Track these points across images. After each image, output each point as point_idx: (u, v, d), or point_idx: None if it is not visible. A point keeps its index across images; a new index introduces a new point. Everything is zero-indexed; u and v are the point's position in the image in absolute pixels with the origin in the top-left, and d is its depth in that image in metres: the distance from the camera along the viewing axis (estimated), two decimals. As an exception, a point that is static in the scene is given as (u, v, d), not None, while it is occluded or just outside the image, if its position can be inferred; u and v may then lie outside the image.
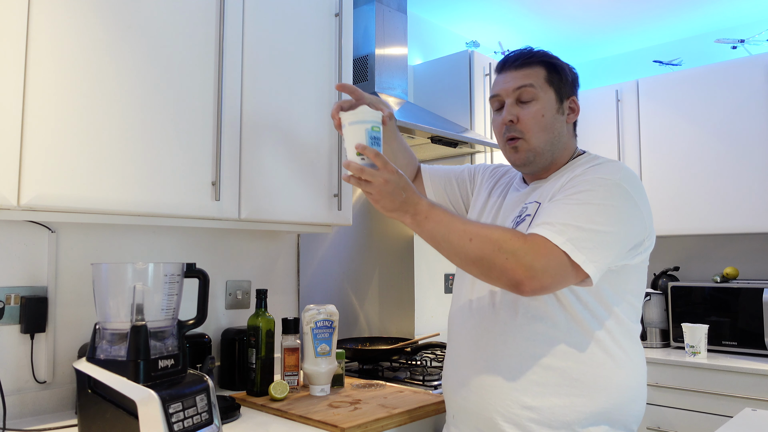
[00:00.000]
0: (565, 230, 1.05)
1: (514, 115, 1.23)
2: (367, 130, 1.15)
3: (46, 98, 1.22)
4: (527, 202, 1.25)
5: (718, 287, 2.62)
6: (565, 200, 1.11)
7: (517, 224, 1.23)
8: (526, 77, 1.23)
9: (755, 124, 2.62)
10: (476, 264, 1.06)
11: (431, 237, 1.10)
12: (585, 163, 1.23)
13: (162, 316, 1.24)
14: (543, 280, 1.03)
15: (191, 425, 1.16)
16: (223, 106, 1.52)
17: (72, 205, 1.24)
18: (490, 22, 3.07)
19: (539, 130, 1.23)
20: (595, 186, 1.12)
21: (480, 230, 1.07)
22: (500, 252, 1.03)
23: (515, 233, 1.07)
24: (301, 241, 2.16)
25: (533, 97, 1.23)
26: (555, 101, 1.24)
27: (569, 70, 1.29)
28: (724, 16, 3.00)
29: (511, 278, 1.03)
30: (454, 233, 1.07)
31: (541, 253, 1.03)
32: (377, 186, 1.07)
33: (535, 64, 1.25)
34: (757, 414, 1.41)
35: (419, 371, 1.94)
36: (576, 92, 1.30)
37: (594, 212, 1.08)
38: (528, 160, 1.25)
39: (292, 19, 1.72)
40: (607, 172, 1.15)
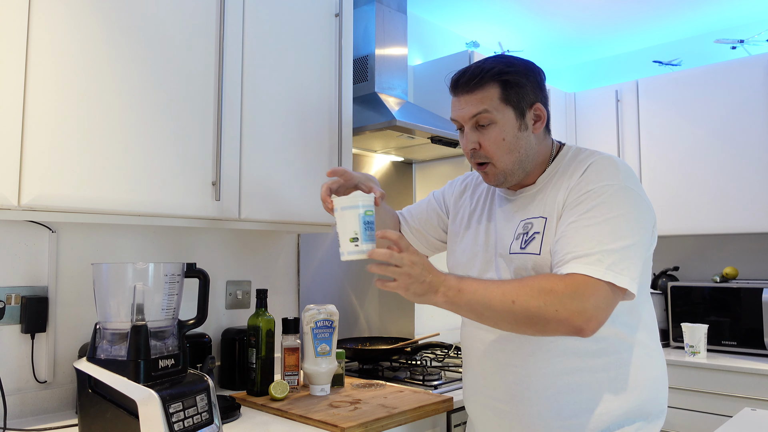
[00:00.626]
0: (601, 259, 1.03)
1: (476, 142, 1.19)
2: (360, 216, 1.14)
3: (46, 98, 1.22)
4: (530, 217, 1.21)
5: (718, 287, 2.62)
6: (584, 221, 1.08)
7: (526, 243, 1.18)
8: (480, 102, 1.17)
9: (755, 124, 2.62)
10: (528, 324, 1.03)
11: (471, 310, 1.06)
12: (578, 165, 1.19)
13: (162, 316, 1.24)
14: (599, 317, 1.02)
15: (191, 425, 1.16)
16: (224, 106, 1.52)
17: (72, 205, 1.24)
18: (490, 22, 3.07)
19: (503, 153, 1.18)
20: (605, 197, 1.10)
21: (519, 289, 1.04)
22: (547, 306, 1.01)
23: (553, 280, 1.04)
24: (301, 241, 2.16)
25: (491, 121, 1.17)
26: (514, 119, 1.18)
27: (529, 76, 1.20)
28: (724, 16, 3.00)
29: (568, 327, 1.02)
30: (494, 299, 1.04)
31: (588, 293, 1.02)
32: (405, 270, 1.02)
33: (488, 83, 1.17)
34: (757, 414, 1.41)
35: (419, 371, 1.94)
36: (540, 97, 1.21)
37: (617, 227, 1.07)
38: (499, 182, 1.23)
39: (292, 19, 1.73)
40: (607, 175, 1.13)
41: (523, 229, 1.20)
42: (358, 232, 1.15)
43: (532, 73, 1.21)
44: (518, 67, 1.19)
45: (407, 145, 2.33)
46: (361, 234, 1.15)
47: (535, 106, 1.20)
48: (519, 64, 1.20)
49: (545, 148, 1.25)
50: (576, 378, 1.15)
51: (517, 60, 1.22)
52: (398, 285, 1.04)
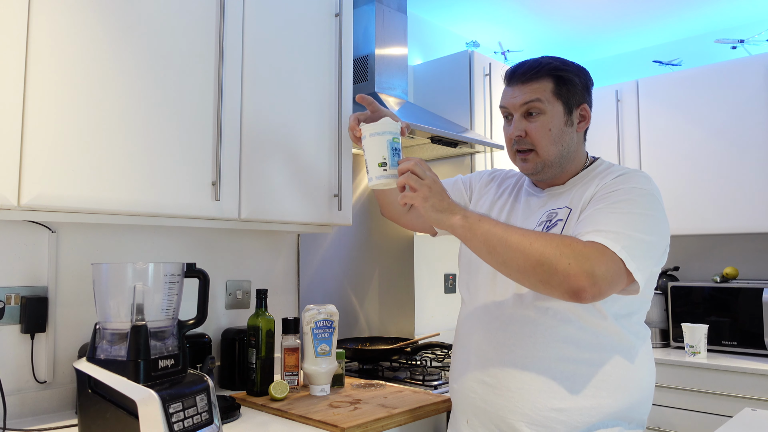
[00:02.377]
0: (618, 238, 1.05)
1: (522, 130, 1.24)
2: (388, 141, 1.18)
3: (46, 98, 1.22)
4: (555, 207, 1.24)
5: (718, 287, 2.62)
6: (610, 208, 1.11)
7: (548, 228, 1.22)
8: (533, 92, 1.23)
9: (755, 124, 2.62)
10: (536, 269, 1.04)
11: (485, 241, 1.08)
12: (610, 172, 1.23)
13: (162, 316, 1.24)
14: (602, 287, 1.03)
15: (191, 425, 1.16)
16: (223, 105, 1.52)
17: (72, 205, 1.24)
18: (490, 22, 3.07)
19: (548, 143, 1.23)
20: (634, 196, 1.13)
21: (539, 235, 1.07)
22: (563, 256, 1.02)
23: (574, 238, 1.07)
24: (301, 241, 2.16)
25: (540, 111, 1.23)
26: (563, 114, 1.24)
27: (580, 77, 1.27)
28: (724, 16, 3.00)
29: (572, 285, 1.02)
30: (513, 235, 1.06)
31: (602, 260, 1.03)
32: (427, 183, 1.08)
33: (543, 77, 1.24)
34: (757, 414, 1.41)
35: (419, 371, 1.94)
36: (587, 99, 1.28)
37: (639, 221, 1.09)
38: (536, 170, 1.27)
39: (292, 19, 1.73)
40: (640, 182, 1.16)
41: (547, 217, 1.24)
42: (386, 157, 1.18)
43: (584, 75, 1.28)
44: (572, 67, 1.27)
45: (407, 145, 2.33)
46: (389, 159, 1.18)
47: (582, 106, 1.27)
48: (573, 65, 1.27)
49: (582, 153, 1.31)
50: (572, 367, 1.17)
51: (571, 62, 1.28)
52: (417, 195, 1.09)
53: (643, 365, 1.22)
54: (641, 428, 1.23)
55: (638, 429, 1.22)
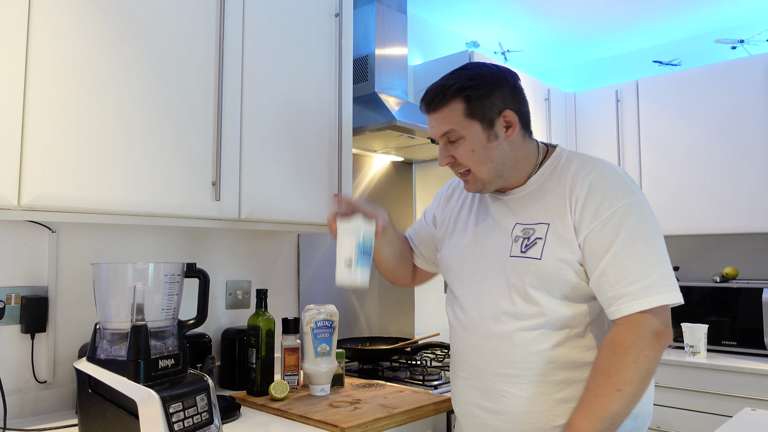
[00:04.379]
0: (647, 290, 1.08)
1: (449, 156, 1.21)
2: (358, 243, 1.18)
3: (46, 98, 1.22)
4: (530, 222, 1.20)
5: (718, 287, 2.62)
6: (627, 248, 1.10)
7: (527, 248, 1.18)
8: (445, 121, 1.19)
9: (755, 124, 2.62)
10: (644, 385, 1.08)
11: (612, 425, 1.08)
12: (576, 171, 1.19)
13: (162, 315, 1.24)
14: (669, 326, 1.11)
15: (191, 425, 1.16)
16: (224, 105, 1.52)
17: (72, 205, 1.24)
18: (490, 22, 3.07)
19: (477, 164, 1.19)
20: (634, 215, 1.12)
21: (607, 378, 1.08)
22: (635, 362, 1.06)
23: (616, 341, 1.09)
24: (301, 241, 2.16)
25: (459, 137, 1.18)
26: (482, 131, 1.18)
27: (494, 85, 1.18)
28: (724, 16, 3.00)
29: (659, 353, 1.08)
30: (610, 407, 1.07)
31: (647, 323, 1.08)
32: None
33: (451, 101, 1.17)
34: (757, 414, 1.41)
35: (419, 371, 1.94)
36: (511, 103, 1.19)
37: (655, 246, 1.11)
38: (479, 188, 1.24)
39: (292, 19, 1.73)
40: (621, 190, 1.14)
41: (524, 233, 1.20)
42: (353, 256, 1.18)
43: (500, 81, 1.19)
44: (482, 78, 1.18)
45: (407, 145, 2.33)
46: (355, 258, 1.17)
47: (504, 113, 1.18)
48: (484, 74, 1.19)
49: (527, 152, 1.24)
50: (569, 388, 1.16)
51: (483, 69, 1.20)
52: None
53: None
54: (648, 417, 1.23)
55: (645, 419, 1.22)
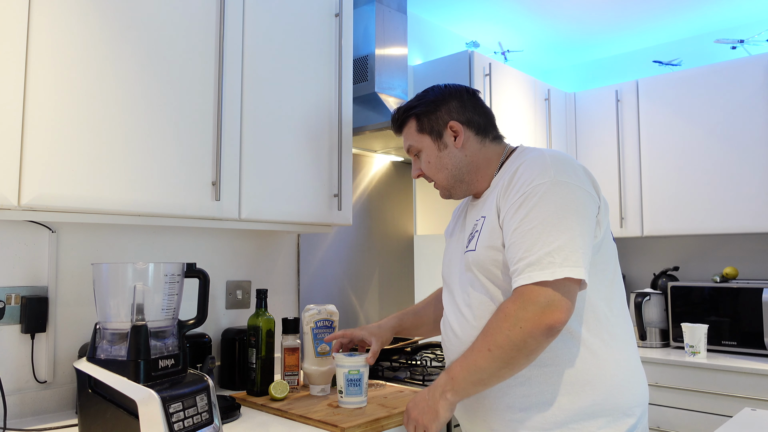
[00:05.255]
0: (552, 261, 1.08)
1: (418, 169, 1.38)
2: (344, 374, 1.49)
3: (46, 98, 1.22)
4: (477, 218, 1.29)
5: (718, 287, 2.62)
6: (524, 225, 1.12)
7: (469, 241, 1.27)
8: (406, 139, 1.38)
9: (755, 124, 2.62)
10: (514, 356, 1.09)
11: (474, 383, 1.13)
12: (512, 163, 1.25)
13: (162, 316, 1.24)
14: (561, 307, 1.07)
15: (191, 425, 1.16)
16: (223, 106, 1.52)
17: (72, 205, 1.24)
18: (490, 22, 3.07)
19: (435, 173, 1.34)
20: (538, 197, 1.13)
21: (484, 337, 1.12)
22: (511, 330, 1.08)
23: (502, 306, 1.12)
24: (301, 241, 2.16)
25: (418, 151, 1.36)
26: (432, 143, 1.33)
27: (440, 102, 1.33)
28: (724, 16, 3.00)
29: (542, 332, 1.07)
30: (478, 361, 1.11)
31: (534, 297, 1.08)
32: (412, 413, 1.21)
33: (406, 121, 1.37)
34: (757, 414, 1.41)
35: (419, 371, 1.94)
36: (456, 114, 1.32)
37: (556, 224, 1.10)
38: (447, 195, 1.38)
39: (292, 19, 1.73)
40: (538, 173, 1.16)
41: (471, 229, 1.29)
42: (342, 387, 1.50)
43: (445, 97, 1.35)
44: (428, 98, 1.35)
45: (407, 145, 2.33)
46: (344, 389, 1.50)
47: (449, 124, 1.32)
48: (430, 94, 1.36)
49: (488, 155, 1.33)
50: (523, 372, 1.17)
51: (431, 91, 1.37)
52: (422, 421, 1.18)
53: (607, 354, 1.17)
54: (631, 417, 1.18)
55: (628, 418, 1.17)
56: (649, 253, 3.25)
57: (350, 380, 1.50)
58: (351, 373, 1.50)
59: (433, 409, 1.16)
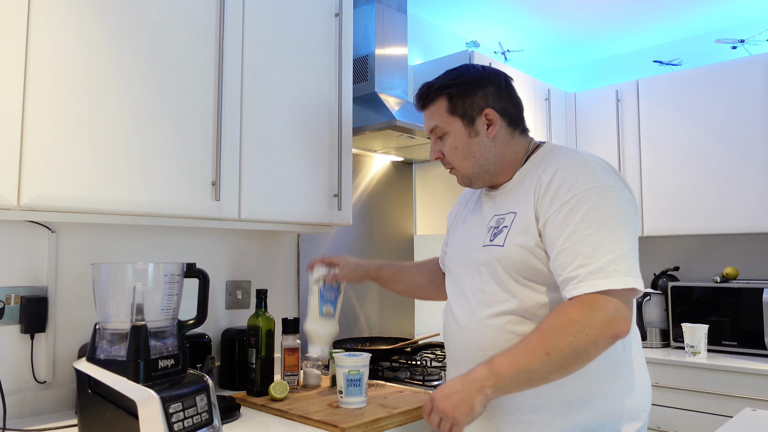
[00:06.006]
0: (618, 269, 1.04)
1: (438, 152, 1.30)
2: (344, 375, 1.50)
3: (46, 98, 1.22)
4: (503, 212, 1.23)
5: (718, 287, 2.62)
6: (581, 230, 1.08)
7: (494, 235, 1.21)
8: (431, 117, 1.28)
9: (755, 124, 2.62)
10: (573, 362, 1.05)
11: (519, 383, 1.07)
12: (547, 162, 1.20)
13: (162, 316, 1.24)
14: (626, 316, 1.04)
15: (191, 425, 1.16)
16: (223, 105, 1.52)
17: (72, 205, 1.24)
18: (490, 22, 3.07)
19: (460, 160, 1.27)
20: (594, 201, 1.09)
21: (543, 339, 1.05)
22: (576, 337, 1.02)
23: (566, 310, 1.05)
24: (301, 241, 2.16)
25: (443, 133, 1.27)
26: (463, 128, 1.25)
27: (476, 84, 1.24)
28: (724, 16, 3.00)
29: (606, 341, 1.04)
30: (531, 362, 1.05)
31: (602, 304, 1.03)
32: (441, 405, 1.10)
33: (436, 98, 1.27)
34: (757, 414, 1.41)
35: (419, 371, 1.94)
36: (494, 102, 1.24)
37: (615, 231, 1.07)
38: (466, 183, 1.31)
39: (292, 18, 1.73)
40: (586, 177, 1.12)
41: (496, 223, 1.24)
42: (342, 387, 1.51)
43: (483, 81, 1.26)
44: (465, 78, 1.26)
45: (407, 145, 2.33)
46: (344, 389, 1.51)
47: (485, 112, 1.24)
48: (467, 74, 1.26)
49: (515, 148, 1.28)
50: None
51: (469, 70, 1.27)
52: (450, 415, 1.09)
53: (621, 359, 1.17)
54: (638, 420, 1.18)
55: (634, 422, 1.17)
56: (650, 253, 3.25)
57: (350, 380, 1.49)
58: (351, 373, 1.49)
59: (468, 404, 1.08)
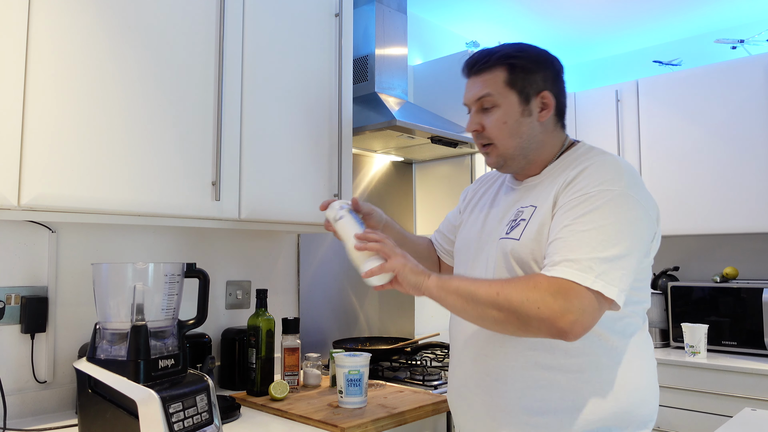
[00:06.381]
0: (591, 267, 1.00)
1: (478, 124, 1.21)
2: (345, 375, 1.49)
3: (46, 98, 1.22)
4: (523, 205, 1.20)
5: (718, 287, 2.62)
6: (578, 225, 1.04)
7: (511, 228, 1.18)
8: (485, 85, 1.19)
9: (755, 124, 2.62)
10: (510, 319, 1.01)
11: (458, 297, 1.07)
12: (580, 161, 1.16)
13: (162, 316, 1.24)
14: (584, 322, 0.99)
15: (191, 425, 1.16)
16: (223, 105, 1.52)
17: (72, 205, 1.24)
18: (490, 22, 3.07)
19: (505, 136, 1.19)
20: (602, 202, 1.05)
21: (505, 283, 1.04)
22: (530, 302, 0.99)
23: (538, 278, 1.02)
24: (301, 241, 2.16)
25: (494, 104, 1.19)
26: (518, 104, 1.18)
27: (540, 64, 1.20)
28: (724, 16, 3.00)
29: (550, 328, 0.99)
30: (480, 289, 1.05)
31: (572, 296, 0.99)
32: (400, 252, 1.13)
33: (495, 66, 1.18)
34: (757, 414, 1.41)
35: (419, 371, 1.94)
36: (552, 86, 1.20)
37: (611, 235, 1.03)
38: (499, 164, 1.23)
39: (292, 18, 1.73)
40: (609, 179, 1.08)
41: (515, 216, 1.20)
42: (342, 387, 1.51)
43: (545, 62, 1.21)
44: (529, 54, 1.20)
45: (407, 145, 2.33)
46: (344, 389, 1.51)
47: (542, 93, 1.19)
48: (531, 51, 1.21)
49: (554, 140, 1.23)
50: (546, 374, 1.11)
51: (531, 47, 1.21)
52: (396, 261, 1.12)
53: (633, 365, 1.14)
54: (647, 428, 1.15)
55: (643, 429, 1.14)
56: (649, 253, 3.25)
57: (350, 380, 1.50)
58: (351, 373, 1.50)
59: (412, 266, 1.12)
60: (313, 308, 2.20)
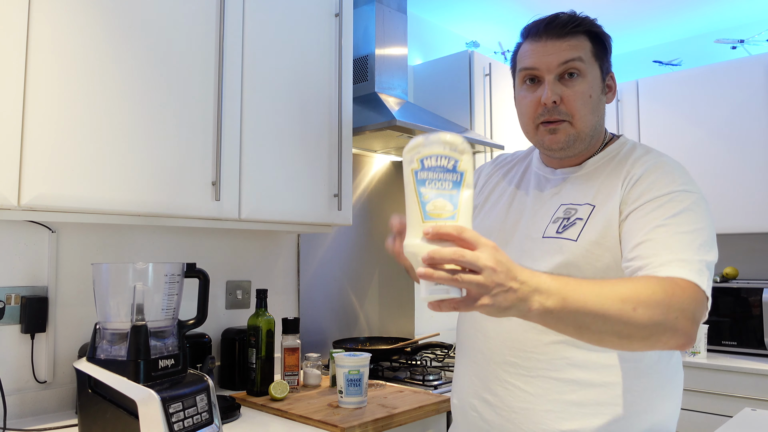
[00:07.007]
0: (701, 270, 0.91)
1: (558, 95, 1.03)
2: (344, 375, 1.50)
3: (46, 98, 1.22)
4: (574, 202, 1.07)
5: (718, 287, 2.62)
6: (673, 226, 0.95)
7: (564, 228, 1.05)
8: (572, 49, 1.03)
9: (755, 124, 2.62)
10: (644, 336, 0.84)
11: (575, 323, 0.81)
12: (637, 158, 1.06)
13: (162, 316, 1.24)
14: (698, 327, 0.90)
15: (191, 425, 1.16)
16: (224, 105, 1.52)
17: (72, 205, 1.24)
18: (490, 22, 3.07)
19: (587, 112, 1.04)
20: (690, 205, 0.97)
21: (639, 293, 0.84)
22: (669, 312, 0.84)
23: (669, 283, 0.88)
24: (301, 241, 2.16)
25: (581, 74, 1.03)
26: (600, 79, 1.06)
27: (610, 45, 1.11)
28: (724, 16, 3.00)
29: (679, 340, 0.86)
30: (612, 308, 0.81)
31: (697, 301, 0.89)
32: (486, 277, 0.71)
33: (581, 33, 1.05)
34: (757, 414, 1.41)
35: (419, 371, 1.94)
36: (610, 69, 1.12)
37: (707, 239, 0.95)
38: (567, 144, 1.06)
39: (292, 18, 1.73)
40: (685, 180, 1.01)
41: (564, 213, 1.07)
42: (342, 387, 1.51)
43: (611, 45, 1.12)
44: (604, 31, 1.10)
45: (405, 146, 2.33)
46: (344, 389, 1.50)
47: (610, 74, 1.11)
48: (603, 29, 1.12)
49: (602, 129, 1.13)
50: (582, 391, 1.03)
51: None
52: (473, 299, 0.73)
53: (668, 382, 1.07)
54: None
55: None
56: (649, 253, 3.25)
57: (350, 380, 1.50)
58: (351, 373, 1.50)
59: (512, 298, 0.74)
60: (313, 308, 2.20)
